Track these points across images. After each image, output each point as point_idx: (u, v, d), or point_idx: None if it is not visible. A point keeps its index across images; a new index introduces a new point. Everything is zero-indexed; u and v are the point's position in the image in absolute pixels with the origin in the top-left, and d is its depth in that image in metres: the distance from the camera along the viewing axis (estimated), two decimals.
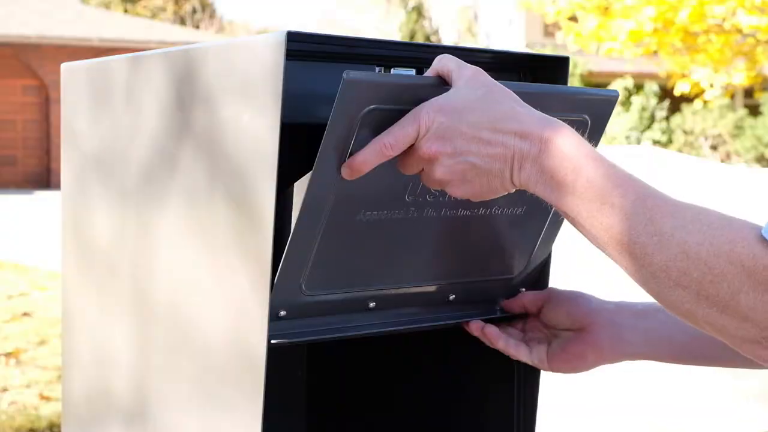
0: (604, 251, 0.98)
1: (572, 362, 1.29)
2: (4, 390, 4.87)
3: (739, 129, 24.37)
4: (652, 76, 23.61)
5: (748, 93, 25.76)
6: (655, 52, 13.81)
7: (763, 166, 23.29)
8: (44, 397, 4.74)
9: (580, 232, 0.99)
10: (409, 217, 1.17)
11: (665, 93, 24.33)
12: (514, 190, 1.05)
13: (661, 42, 13.15)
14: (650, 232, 0.93)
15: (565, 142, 0.99)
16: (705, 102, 17.70)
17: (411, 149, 1.05)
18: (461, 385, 1.44)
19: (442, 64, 1.07)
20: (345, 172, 1.06)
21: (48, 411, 4.51)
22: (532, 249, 1.30)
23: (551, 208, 1.03)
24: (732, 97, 24.28)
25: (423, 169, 1.06)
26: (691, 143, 24.61)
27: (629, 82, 25.00)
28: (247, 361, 1.09)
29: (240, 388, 1.10)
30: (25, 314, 6.73)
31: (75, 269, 1.37)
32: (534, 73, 1.33)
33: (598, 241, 0.97)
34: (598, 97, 1.21)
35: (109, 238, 1.30)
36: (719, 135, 24.52)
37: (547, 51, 17.54)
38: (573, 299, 1.30)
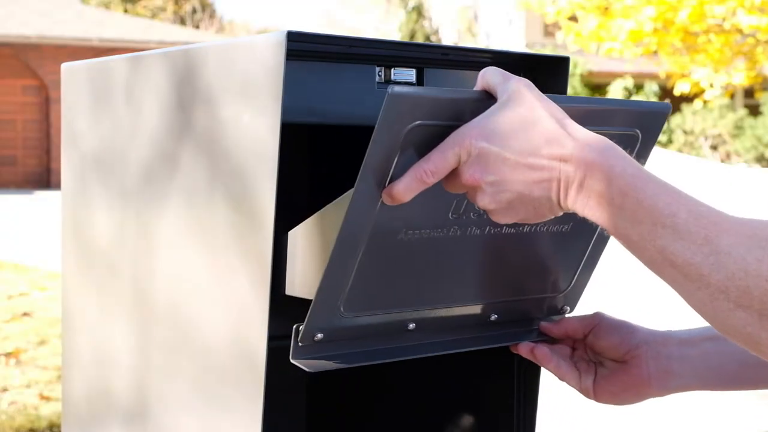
0: (659, 275, 0.94)
1: (619, 395, 1.25)
2: (4, 390, 4.87)
3: (739, 129, 24.38)
4: (652, 76, 23.62)
5: (748, 93, 25.76)
6: (655, 52, 13.80)
7: (763, 166, 23.28)
8: (44, 397, 4.73)
9: (633, 254, 0.95)
10: (452, 235, 1.13)
11: (665, 93, 24.33)
12: (562, 214, 1.01)
13: (661, 42, 13.14)
14: (706, 252, 0.88)
15: (611, 164, 0.95)
16: (705, 102, 17.70)
17: (454, 173, 1.00)
18: (461, 383, 1.44)
19: (487, 77, 1.02)
20: (385, 199, 1.02)
21: (48, 411, 4.51)
22: (577, 267, 1.26)
23: (597, 226, 1.00)
24: (732, 97, 24.28)
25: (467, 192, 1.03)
26: (691, 143, 24.62)
27: (629, 82, 25.01)
28: (247, 361, 1.09)
29: (240, 388, 1.10)
30: (25, 314, 6.72)
31: (75, 269, 1.37)
32: (534, 73, 1.33)
33: (652, 264, 0.93)
34: (649, 110, 1.17)
35: (109, 238, 1.30)
36: (719, 135, 24.52)
37: (547, 51, 17.53)
38: (620, 329, 1.25)
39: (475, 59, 1.30)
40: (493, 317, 1.23)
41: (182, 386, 1.19)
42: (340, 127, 1.26)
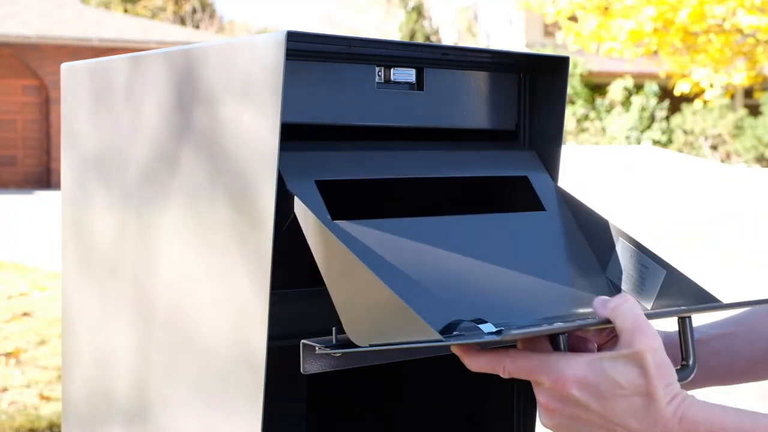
0: None
1: None
2: (4, 390, 4.87)
3: (739, 129, 24.39)
4: (652, 76, 23.63)
5: (748, 93, 25.77)
6: (655, 52, 13.82)
7: (763, 166, 23.30)
8: (44, 397, 4.74)
9: None
10: None
11: (665, 93, 24.35)
12: None
13: (661, 42, 13.16)
14: None
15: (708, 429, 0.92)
16: (705, 102, 17.71)
17: (533, 381, 0.96)
18: (461, 383, 1.44)
19: (619, 315, 0.95)
20: (455, 350, 0.97)
21: (48, 411, 4.51)
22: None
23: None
24: (732, 97, 24.30)
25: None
26: (691, 143, 24.63)
27: (629, 82, 25.02)
28: (248, 361, 1.09)
29: (240, 388, 1.10)
30: (25, 314, 6.73)
31: (75, 269, 1.37)
32: (534, 72, 1.33)
33: None
34: None
35: (109, 238, 1.30)
36: (719, 135, 24.54)
37: (547, 51, 17.52)
38: None
39: (475, 59, 1.30)
40: None
41: (182, 386, 1.19)
42: (340, 127, 1.26)
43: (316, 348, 1.06)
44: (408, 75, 1.25)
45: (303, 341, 1.07)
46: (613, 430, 0.93)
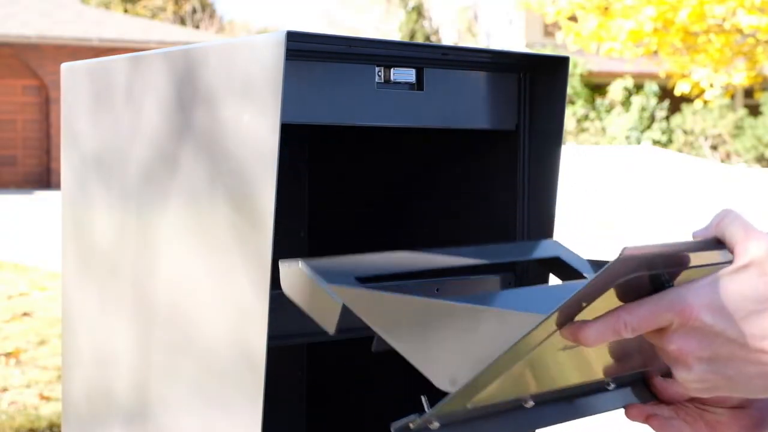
0: None
1: None
2: (4, 390, 4.87)
3: (739, 129, 24.41)
4: (652, 76, 23.63)
5: (748, 93, 25.78)
6: (655, 52, 13.83)
7: (763, 166, 23.31)
8: (44, 397, 4.74)
9: None
10: None
11: (665, 93, 24.36)
12: None
13: (661, 42, 13.17)
14: None
15: None
16: (705, 102, 17.71)
17: (658, 332, 0.86)
18: None
19: (724, 228, 0.87)
20: (567, 336, 0.88)
21: (48, 411, 4.51)
22: None
23: None
24: (732, 97, 24.31)
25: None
26: (691, 143, 24.65)
27: (629, 82, 25.03)
28: (247, 361, 1.09)
29: (240, 388, 1.10)
30: (25, 314, 6.73)
31: (75, 269, 1.37)
32: (534, 73, 1.33)
33: None
34: None
35: (109, 238, 1.30)
36: (719, 135, 24.55)
37: (547, 51, 17.53)
38: None
39: (475, 59, 1.30)
40: (611, 386, 1.15)
41: (182, 386, 1.19)
42: (340, 128, 1.26)
43: (410, 425, 0.99)
44: (408, 75, 1.25)
45: (393, 424, 1.00)
46: (756, 360, 0.84)
